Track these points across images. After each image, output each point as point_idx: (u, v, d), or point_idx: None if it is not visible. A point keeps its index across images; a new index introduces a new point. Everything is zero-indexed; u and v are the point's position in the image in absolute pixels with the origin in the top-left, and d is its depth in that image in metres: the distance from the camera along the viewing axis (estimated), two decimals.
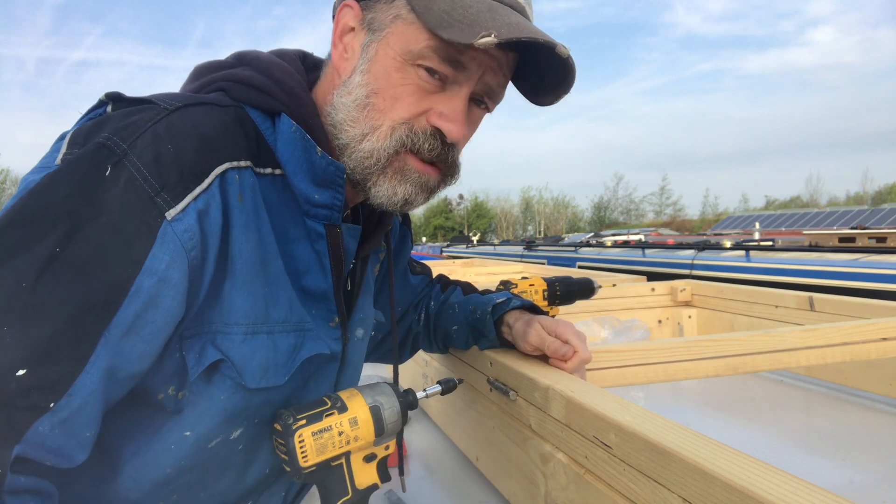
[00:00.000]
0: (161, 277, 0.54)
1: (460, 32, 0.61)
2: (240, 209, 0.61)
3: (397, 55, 0.65)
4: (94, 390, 0.51)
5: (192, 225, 0.56)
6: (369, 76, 0.66)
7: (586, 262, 6.35)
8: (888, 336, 1.05)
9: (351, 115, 0.67)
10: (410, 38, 0.64)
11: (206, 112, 0.61)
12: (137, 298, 0.53)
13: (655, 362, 0.95)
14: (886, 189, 53.22)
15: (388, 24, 0.66)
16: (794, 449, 1.06)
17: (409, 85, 0.65)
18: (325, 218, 0.68)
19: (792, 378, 1.45)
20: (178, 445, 0.61)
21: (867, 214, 20.25)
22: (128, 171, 0.53)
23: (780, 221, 25.09)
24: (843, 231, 9.82)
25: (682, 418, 0.58)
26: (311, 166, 0.65)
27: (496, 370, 0.88)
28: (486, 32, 0.59)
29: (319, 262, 0.69)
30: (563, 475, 0.69)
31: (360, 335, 0.81)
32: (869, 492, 0.88)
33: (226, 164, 0.60)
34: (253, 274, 0.62)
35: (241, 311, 0.61)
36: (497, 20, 0.62)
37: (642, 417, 0.59)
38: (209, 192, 0.57)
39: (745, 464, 0.48)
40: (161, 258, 0.54)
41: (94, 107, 0.61)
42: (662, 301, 1.80)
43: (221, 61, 0.71)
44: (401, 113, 0.66)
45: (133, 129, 0.55)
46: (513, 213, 60.57)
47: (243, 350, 0.61)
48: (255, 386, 0.63)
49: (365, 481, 0.68)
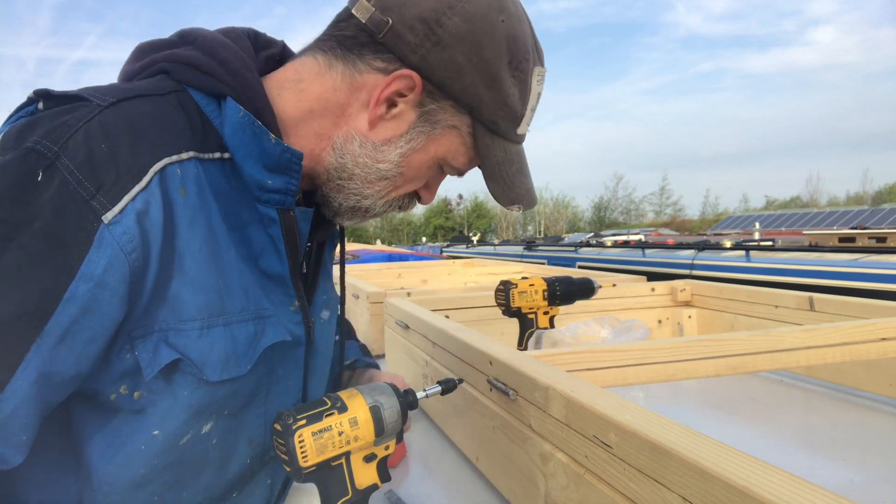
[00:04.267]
0: (98, 282, 0.53)
1: (502, 193, 0.73)
2: (183, 204, 0.60)
3: (437, 158, 0.73)
4: (25, 397, 0.51)
5: (131, 226, 0.54)
6: (406, 161, 0.71)
7: (586, 262, 6.35)
8: (888, 336, 1.05)
9: (369, 177, 0.71)
10: (457, 154, 0.73)
11: (141, 105, 0.60)
12: (72, 304, 0.52)
13: (655, 362, 0.95)
14: (886, 189, 53.21)
15: (443, 125, 0.70)
16: (794, 449, 1.06)
17: (426, 176, 0.76)
18: (279, 203, 0.67)
19: (792, 378, 1.44)
20: (149, 445, 0.61)
21: (867, 214, 20.24)
22: (60, 175, 0.52)
23: (780, 221, 25.08)
24: (843, 231, 9.82)
25: (682, 418, 0.58)
26: (262, 152, 0.64)
27: (496, 370, 0.88)
28: (518, 206, 0.74)
29: (274, 246, 0.68)
30: (563, 475, 0.69)
31: (327, 317, 0.81)
32: (869, 492, 0.88)
33: (164, 160, 0.58)
34: (204, 268, 0.61)
35: (194, 306, 0.60)
36: (522, 186, 0.75)
37: (642, 417, 0.59)
38: (148, 190, 0.56)
39: (745, 463, 0.48)
40: (97, 263, 0.53)
41: (23, 104, 0.59)
42: (662, 301, 1.80)
43: (164, 40, 0.70)
44: (406, 191, 0.76)
45: (64, 130, 0.54)
46: (513, 213, 60.41)
47: (201, 345, 0.61)
48: (218, 379, 0.63)
49: (365, 481, 0.68)
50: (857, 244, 7.99)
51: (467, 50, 0.66)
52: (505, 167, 0.73)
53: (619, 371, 0.94)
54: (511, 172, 0.73)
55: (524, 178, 0.76)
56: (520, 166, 0.75)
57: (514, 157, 0.74)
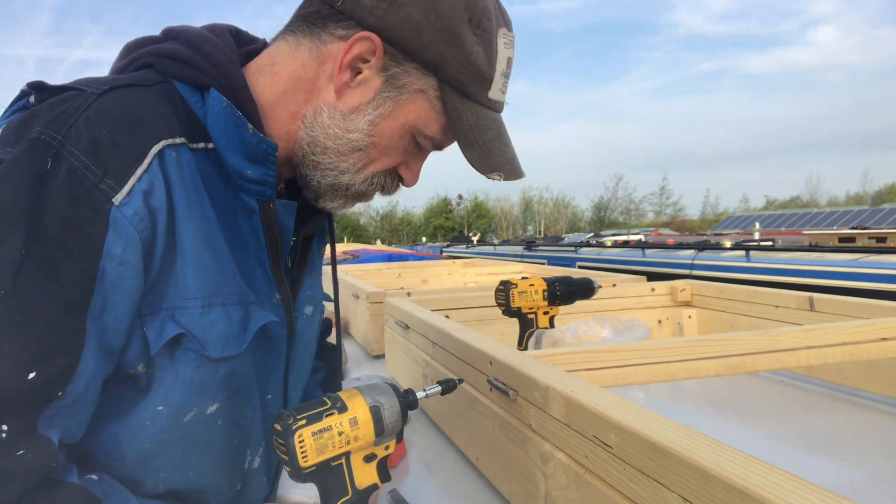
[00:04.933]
0: (120, 261, 0.56)
1: (479, 160, 0.70)
2: (181, 186, 0.62)
3: (408, 125, 0.71)
4: (93, 372, 0.55)
5: (140, 207, 0.57)
6: (376, 130, 0.70)
7: (586, 262, 6.36)
8: (888, 336, 1.05)
9: (342, 149, 0.71)
10: (428, 121, 0.71)
11: (131, 93, 0.62)
12: (105, 282, 0.55)
13: (655, 362, 0.95)
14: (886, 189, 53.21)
15: (410, 91, 0.69)
16: (794, 449, 1.06)
17: (401, 148, 0.73)
18: (259, 193, 0.68)
19: (792, 378, 1.44)
20: (153, 421, 0.63)
21: (867, 214, 20.24)
22: (67, 162, 0.54)
23: (780, 221, 25.09)
24: (843, 231, 9.82)
25: (682, 418, 0.58)
26: (242, 142, 0.66)
27: (496, 370, 0.88)
28: (498, 174, 0.70)
29: (255, 236, 0.70)
30: (563, 475, 0.69)
31: (310, 312, 0.82)
32: (869, 492, 0.88)
33: (162, 142, 0.60)
34: (202, 248, 0.63)
35: (196, 285, 0.63)
36: (504, 153, 0.72)
37: (642, 417, 0.59)
38: (150, 171, 0.58)
39: (745, 463, 0.48)
40: (117, 243, 0.56)
41: (16, 98, 0.61)
42: (662, 301, 1.80)
43: (150, 37, 0.72)
44: (384, 166, 0.74)
45: (65, 119, 0.56)
46: (513, 213, 60.53)
47: (203, 322, 0.63)
48: (219, 356, 0.65)
49: (365, 481, 0.68)
50: (857, 244, 7.99)
51: (423, 6, 0.67)
52: (479, 132, 0.70)
53: (619, 371, 0.94)
54: (487, 138, 0.71)
55: (504, 147, 0.73)
56: (497, 133, 0.72)
57: (488, 123, 0.72)
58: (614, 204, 61.44)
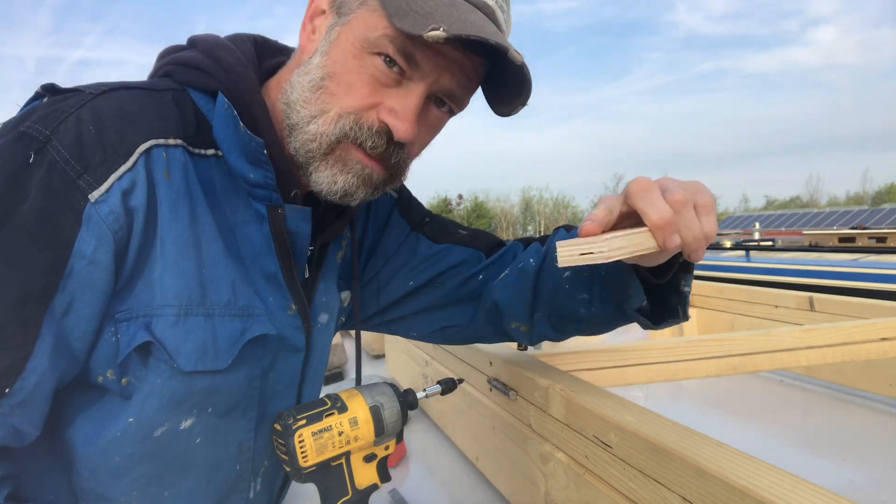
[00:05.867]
0: (90, 260, 0.55)
1: (413, 23, 0.58)
2: (167, 186, 0.60)
3: (357, 41, 0.63)
4: (45, 371, 0.54)
5: (117, 206, 0.56)
6: (327, 59, 0.64)
7: None
8: (888, 336, 1.05)
9: (304, 95, 0.65)
10: (370, 25, 0.62)
11: (132, 94, 0.61)
12: (72, 281, 0.54)
13: (655, 362, 0.95)
14: (886, 189, 53.22)
15: (354, 10, 0.64)
16: (794, 449, 1.06)
17: (364, 74, 0.63)
18: (266, 198, 0.66)
19: (792, 378, 1.44)
20: (124, 433, 0.61)
21: (867, 214, 20.25)
22: (50, 156, 0.54)
23: (780, 221, 25.09)
24: (843, 231, 9.82)
25: (682, 418, 0.58)
26: (239, 143, 0.64)
27: (496, 370, 0.88)
28: (435, 26, 0.57)
29: (267, 245, 0.68)
30: (563, 475, 0.69)
31: (325, 321, 0.79)
32: (869, 492, 0.88)
33: (151, 141, 0.60)
34: (184, 254, 0.61)
35: (172, 291, 0.61)
36: (453, 16, 0.59)
37: (642, 417, 0.59)
38: (134, 170, 0.58)
39: (745, 464, 0.48)
40: (88, 241, 0.55)
41: (30, 99, 0.61)
42: None
43: (176, 46, 0.72)
44: (351, 101, 0.63)
45: (56, 116, 0.56)
46: (513, 213, 60.55)
47: (175, 332, 0.61)
48: (191, 369, 0.62)
49: (365, 481, 0.68)
50: (857, 244, 7.99)
51: None
52: (419, 2, 0.60)
53: (619, 371, 0.94)
54: (429, 6, 0.60)
55: (455, 11, 0.60)
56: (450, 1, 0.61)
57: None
58: None
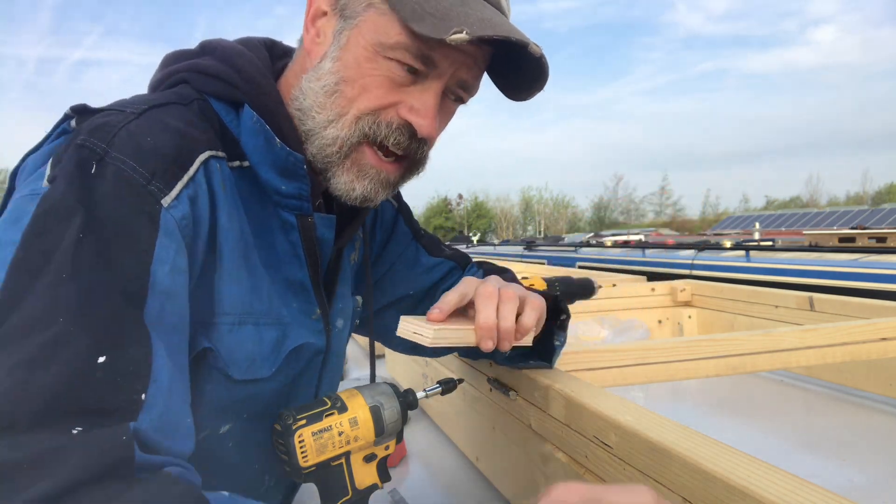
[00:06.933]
0: (172, 266, 0.53)
1: (432, 27, 0.58)
2: (224, 197, 0.61)
3: (369, 45, 0.63)
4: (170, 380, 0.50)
5: (187, 212, 0.55)
6: (340, 64, 0.64)
7: (586, 262, 6.34)
8: (888, 336, 1.05)
9: (318, 101, 0.65)
10: (382, 29, 0.62)
11: (172, 110, 0.61)
12: (156, 289, 0.51)
13: (655, 362, 0.95)
14: (886, 189, 53.27)
15: (361, 13, 0.64)
16: (794, 449, 1.06)
17: (379, 76, 0.63)
18: (296, 208, 0.67)
19: (792, 378, 1.44)
20: None
21: (867, 214, 20.26)
22: (114, 165, 0.53)
23: (780, 221, 25.11)
24: (843, 231, 9.82)
25: (682, 418, 0.58)
26: (274, 157, 0.64)
27: (496, 370, 0.88)
28: (458, 28, 0.57)
29: (294, 252, 0.68)
30: (563, 475, 0.69)
31: (341, 326, 0.80)
32: (869, 492, 0.88)
33: (208, 152, 0.60)
34: (238, 263, 0.62)
35: (230, 300, 0.61)
36: (469, 15, 0.60)
37: (642, 417, 0.59)
38: (196, 180, 0.57)
39: (744, 464, 0.48)
40: (168, 246, 0.53)
41: (58, 122, 0.60)
42: (662, 301, 1.80)
43: (187, 51, 0.71)
44: (368, 103, 0.64)
45: (107, 130, 0.55)
46: (513, 212, 60.55)
47: (230, 340, 0.61)
48: (241, 378, 0.62)
49: (365, 481, 0.68)
50: (857, 244, 7.99)
51: None
52: (432, 3, 0.60)
53: (619, 371, 0.94)
54: (443, 6, 0.60)
55: (470, 9, 0.61)
56: (461, 1, 0.61)
57: None
58: (614, 204, 61.53)
